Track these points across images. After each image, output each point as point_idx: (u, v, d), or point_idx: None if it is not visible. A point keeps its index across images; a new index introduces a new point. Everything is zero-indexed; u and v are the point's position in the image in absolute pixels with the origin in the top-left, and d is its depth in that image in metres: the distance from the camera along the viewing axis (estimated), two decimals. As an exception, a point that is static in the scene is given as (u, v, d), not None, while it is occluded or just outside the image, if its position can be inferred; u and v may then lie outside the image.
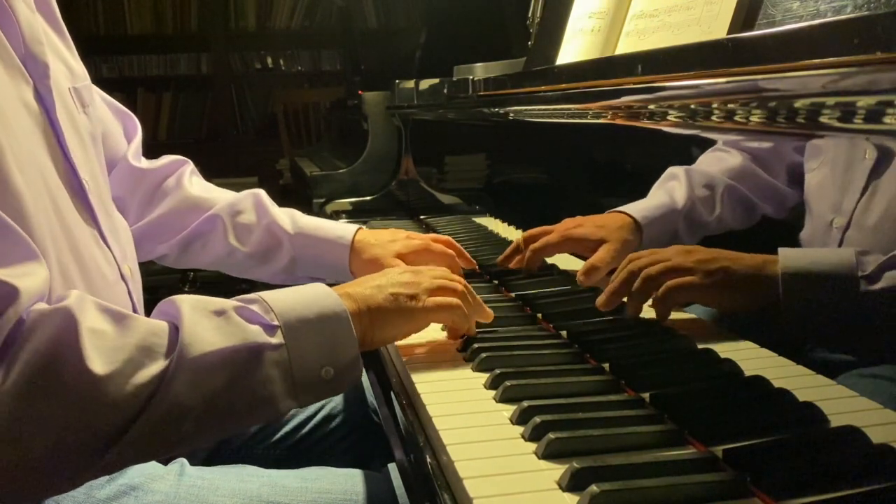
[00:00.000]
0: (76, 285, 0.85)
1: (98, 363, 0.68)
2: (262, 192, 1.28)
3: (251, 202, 1.26)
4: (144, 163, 1.28)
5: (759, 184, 1.33)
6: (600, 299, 1.01)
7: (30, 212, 0.79)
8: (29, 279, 0.71)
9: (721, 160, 1.36)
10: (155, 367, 0.71)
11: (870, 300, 0.85)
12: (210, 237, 1.25)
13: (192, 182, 1.29)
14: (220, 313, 0.77)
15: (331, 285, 0.87)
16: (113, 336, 0.71)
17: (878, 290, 0.84)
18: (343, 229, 1.25)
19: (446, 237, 1.30)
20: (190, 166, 1.32)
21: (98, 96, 1.17)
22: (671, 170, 1.35)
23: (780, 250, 0.92)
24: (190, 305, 0.76)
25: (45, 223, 0.82)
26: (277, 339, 0.77)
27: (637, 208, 1.25)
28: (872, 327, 0.87)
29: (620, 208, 1.26)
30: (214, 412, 0.74)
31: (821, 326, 0.88)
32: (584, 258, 1.20)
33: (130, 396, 0.69)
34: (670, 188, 1.31)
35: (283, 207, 1.29)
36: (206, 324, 0.75)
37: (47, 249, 0.81)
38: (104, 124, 1.18)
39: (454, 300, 0.91)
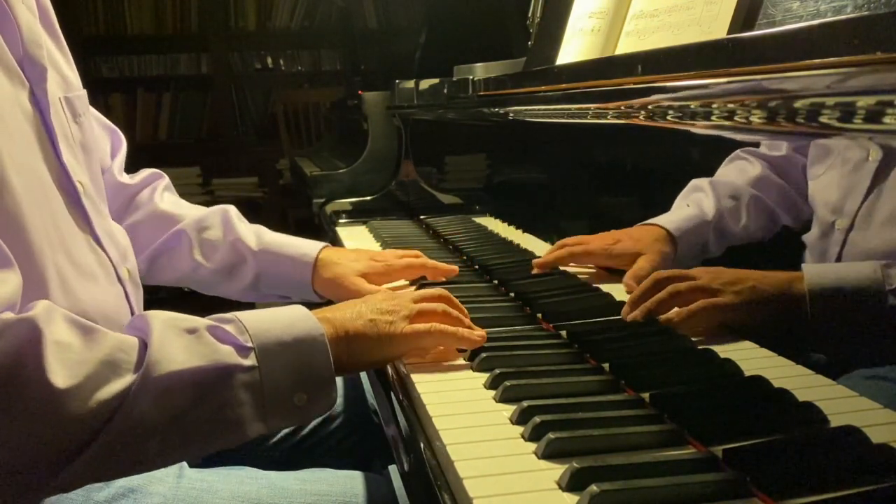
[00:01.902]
0: (71, 287, 0.85)
1: (60, 376, 0.67)
2: (230, 208, 1.28)
3: (218, 218, 1.26)
4: (125, 177, 1.28)
5: (780, 193, 1.33)
6: (625, 310, 1.01)
7: (26, 213, 0.78)
8: (1, 287, 0.70)
9: (743, 170, 1.36)
10: (119, 384, 0.70)
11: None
12: (175, 252, 1.25)
13: (162, 197, 1.29)
14: (191, 331, 0.75)
15: (310, 306, 0.85)
16: (79, 349, 0.70)
17: None
18: (307, 247, 1.25)
19: (414, 252, 1.29)
20: (164, 181, 1.32)
21: (88, 112, 1.18)
22: (695, 182, 1.35)
23: (805, 267, 0.92)
24: (161, 322, 0.75)
25: (41, 225, 0.81)
26: (250, 360, 0.75)
27: (668, 220, 1.25)
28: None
29: (650, 221, 1.26)
30: (179, 432, 0.72)
31: (850, 342, 0.89)
32: (622, 270, 1.21)
33: (92, 412, 0.68)
34: (697, 199, 1.31)
35: (253, 224, 1.30)
36: (176, 342, 0.74)
37: (43, 250, 0.81)
38: (93, 140, 1.18)
39: (432, 326, 0.89)
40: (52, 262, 0.82)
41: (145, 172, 1.31)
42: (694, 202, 1.29)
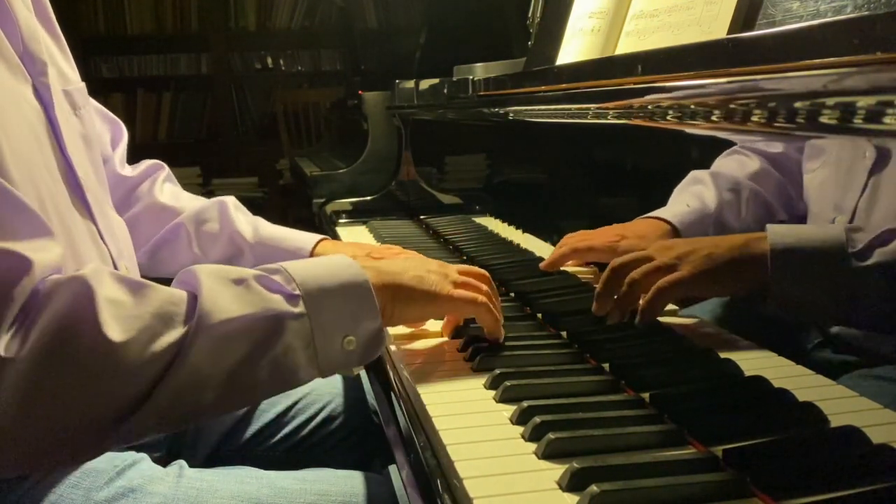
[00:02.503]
0: None
1: (115, 331, 0.68)
2: (228, 200, 1.29)
3: (216, 211, 1.27)
4: (126, 169, 1.29)
5: (778, 188, 1.33)
6: (594, 306, 1.01)
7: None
8: (43, 253, 0.71)
9: (742, 164, 1.36)
10: (173, 335, 0.71)
11: (859, 276, 0.84)
12: (175, 245, 1.26)
13: (162, 189, 1.29)
14: (240, 282, 0.76)
15: None
16: (130, 305, 0.71)
17: (868, 266, 0.84)
18: (303, 240, 1.26)
19: (412, 253, 1.29)
20: (165, 172, 1.32)
21: (88, 104, 1.18)
22: (695, 174, 1.35)
23: (769, 227, 0.92)
24: (209, 274, 0.76)
25: (43, 217, 0.82)
26: (299, 308, 0.77)
27: (672, 214, 1.24)
28: (862, 303, 0.87)
29: (652, 214, 1.25)
30: (235, 381, 0.74)
31: (810, 303, 0.88)
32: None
33: (148, 364, 0.69)
34: (698, 192, 1.30)
35: (253, 216, 1.30)
36: (225, 292, 0.74)
37: None
38: (94, 130, 1.18)
39: (479, 296, 0.91)
40: None
41: (146, 164, 1.31)
42: (695, 195, 1.28)
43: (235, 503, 0.91)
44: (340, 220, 2.12)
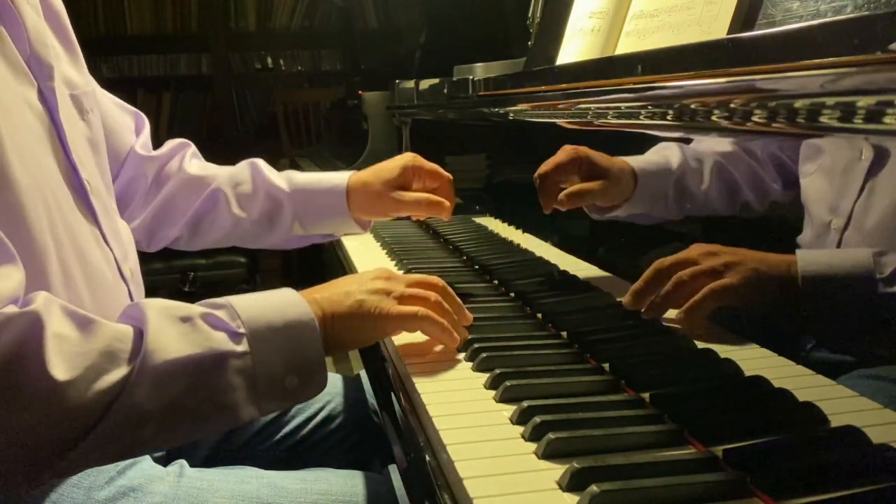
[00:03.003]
0: (78, 283, 0.86)
1: (60, 369, 0.68)
2: (258, 161, 1.30)
3: (248, 172, 1.28)
4: (152, 152, 1.29)
5: (745, 168, 1.34)
6: (627, 299, 1.00)
7: (28, 207, 0.79)
8: (3, 282, 0.71)
9: (713, 143, 1.37)
10: (117, 374, 0.71)
11: (887, 302, 0.85)
12: (215, 212, 1.27)
13: (191, 163, 1.30)
14: (186, 320, 0.76)
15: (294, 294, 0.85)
16: (77, 341, 0.71)
17: None
18: (337, 178, 1.27)
19: (432, 164, 1.29)
20: (191, 149, 1.34)
21: (105, 98, 1.19)
22: (664, 143, 1.36)
23: (798, 252, 0.92)
24: (156, 311, 0.76)
25: (46, 220, 0.82)
26: (242, 346, 0.77)
27: (636, 160, 1.26)
28: (889, 329, 0.87)
29: (622, 157, 1.27)
30: (175, 418, 0.74)
31: (837, 328, 0.88)
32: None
33: (91, 402, 0.69)
34: (665, 154, 1.33)
35: (282, 171, 1.32)
36: (171, 330, 0.75)
37: (47, 246, 0.81)
38: (113, 121, 1.19)
39: (419, 310, 0.89)
40: (57, 259, 0.83)
41: (170, 144, 1.32)
42: (662, 155, 1.31)
43: (236, 503, 0.91)
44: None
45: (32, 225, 0.79)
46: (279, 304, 0.81)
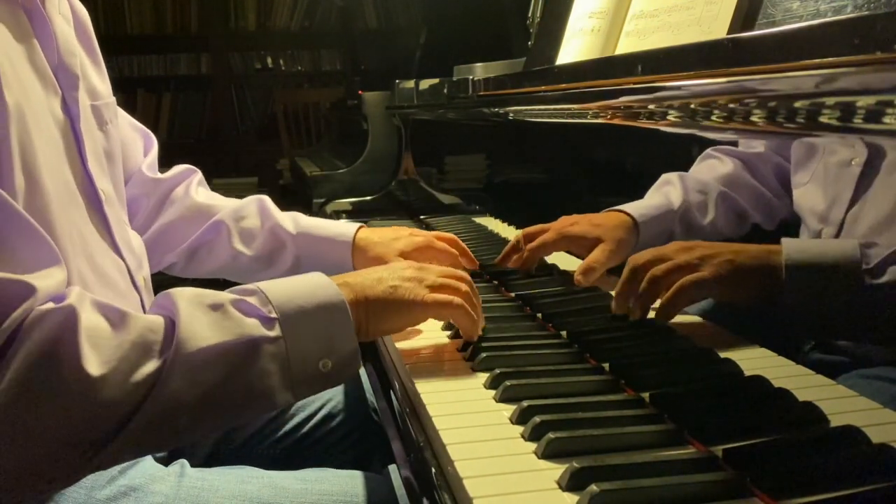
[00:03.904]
0: (91, 291, 0.86)
1: (94, 364, 0.68)
2: (265, 198, 1.30)
3: (255, 207, 1.28)
4: (159, 174, 1.29)
5: (750, 192, 1.34)
6: (613, 305, 1.01)
7: (55, 215, 0.81)
8: (47, 280, 0.72)
9: (713, 168, 1.37)
10: (151, 365, 0.71)
11: (872, 292, 0.85)
12: (215, 243, 1.26)
13: (198, 191, 1.30)
14: (216, 307, 0.77)
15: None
16: (110, 335, 0.71)
17: (882, 284, 0.84)
18: (345, 228, 1.26)
19: (450, 235, 1.30)
20: (198, 176, 1.33)
21: (119, 115, 1.20)
22: (665, 176, 1.36)
23: (784, 241, 0.92)
24: (187, 300, 0.76)
25: (67, 229, 0.83)
26: (275, 331, 0.77)
27: (634, 207, 1.25)
28: (874, 319, 0.87)
29: (618, 207, 1.26)
30: (210, 407, 0.74)
31: (822, 317, 0.88)
32: (581, 257, 1.20)
33: (126, 395, 0.69)
34: (666, 191, 1.32)
35: (287, 211, 1.31)
36: (202, 319, 0.75)
37: (66, 253, 0.82)
38: (123, 138, 1.19)
39: (454, 298, 0.91)
40: (75, 267, 0.83)
41: (178, 168, 1.32)
42: (662, 193, 1.30)
43: (236, 502, 0.91)
44: (342, 220, 2.12)
45: (58, 232, 0.80)
46: (310, 287, 0.82)
